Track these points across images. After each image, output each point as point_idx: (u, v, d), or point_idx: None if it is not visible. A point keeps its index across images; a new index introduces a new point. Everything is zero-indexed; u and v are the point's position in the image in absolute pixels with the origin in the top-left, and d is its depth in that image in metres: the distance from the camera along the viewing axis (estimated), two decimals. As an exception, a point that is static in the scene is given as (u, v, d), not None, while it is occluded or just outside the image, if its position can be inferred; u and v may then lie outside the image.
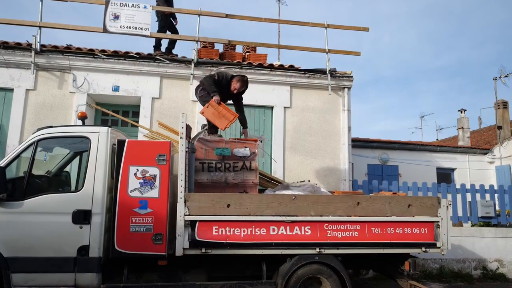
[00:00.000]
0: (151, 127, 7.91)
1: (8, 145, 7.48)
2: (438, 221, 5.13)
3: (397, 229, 5.02)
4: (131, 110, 8.54)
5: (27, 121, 7.68)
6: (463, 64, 67.79)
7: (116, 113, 8.37)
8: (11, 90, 7.75)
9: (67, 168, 5.39)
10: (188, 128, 5.06)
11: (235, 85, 6.08)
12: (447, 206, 5.21)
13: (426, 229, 5.11)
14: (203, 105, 6.02)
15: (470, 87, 63.19)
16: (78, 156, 5.27)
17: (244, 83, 6.17)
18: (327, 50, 8.78)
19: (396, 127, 53.57)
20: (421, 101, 59.54)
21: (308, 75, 8.66)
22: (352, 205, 4.97)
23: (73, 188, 5.02)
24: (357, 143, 11.59)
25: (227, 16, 8.55)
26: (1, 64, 7.73)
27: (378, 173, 12.12)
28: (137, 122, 8.10)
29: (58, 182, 5.34)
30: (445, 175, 13.03)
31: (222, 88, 5.98)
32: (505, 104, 16.13)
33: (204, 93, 6.11)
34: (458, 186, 9.46)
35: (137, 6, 8.15)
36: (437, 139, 23.13)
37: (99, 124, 8.08)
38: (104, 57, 8.02)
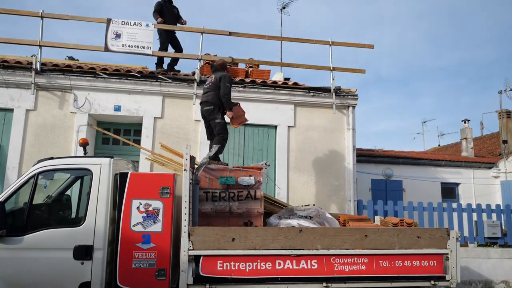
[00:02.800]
0: (153, 147, 7.82)
1: (8, 167, 7.36)
2: (447, 253, 5.00)
3: (406, 261, 4.90)
4: (133, 129, 8.43)
5: (27, 142, 7.57)
6: (464, 65, 67.60)
7: (118, 132, 8.28)
8: (11, 110, 7.65)
9: (68, 201, 5.28)
10: (192, 159, 4.95)
11: None
12: (457, 238, 5.08)
13: (435, 261, 4.98)
14: (219, 127, 6.20)
15: (471, 88, 63.14)
16: (79, 188, 5.16)
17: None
18: (331, 68, 8.66)
19: (397, 127, 53.35)
20: (422, 101, 59.45)
21: (312, 94, 8.55)
22: (359, 238, 4.86)
23: (74, 222, 4.91)
24: (361, 158, 11.46)
25: (230, 34, 8.44)
26: (1, 84, 7.63)
27: (382, 188, 12.00)
28: (139, 141, 7.99)
29: (59, 216, 5.22)
30: (449, 190, 12.88)
31: None
32: (508, 114, 16.03)
33: (222, 118, 6.24)
34: (462, 202, 9.34)
35: (139, 25, 8.05)
36: (439, 145, 23.03)
37: (100, 155, 7.93)
38: (106, 76, 7.92)
